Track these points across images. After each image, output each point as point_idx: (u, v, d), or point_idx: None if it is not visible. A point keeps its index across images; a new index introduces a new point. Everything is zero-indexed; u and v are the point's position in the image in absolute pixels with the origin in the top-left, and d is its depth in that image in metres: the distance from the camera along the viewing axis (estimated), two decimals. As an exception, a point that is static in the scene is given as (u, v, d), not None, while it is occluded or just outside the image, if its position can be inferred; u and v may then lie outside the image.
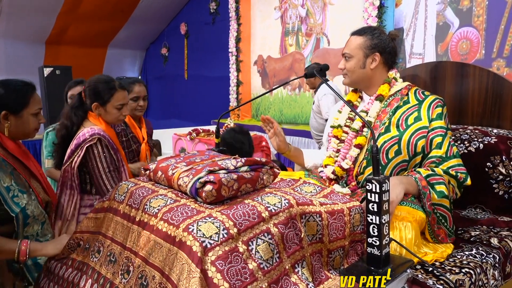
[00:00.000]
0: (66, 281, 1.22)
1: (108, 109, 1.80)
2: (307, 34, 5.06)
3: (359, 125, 1.57)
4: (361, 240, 1.16)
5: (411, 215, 1.25)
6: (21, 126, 1.45)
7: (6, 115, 1.41)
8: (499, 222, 1.54)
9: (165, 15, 7.26)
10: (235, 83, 5.99)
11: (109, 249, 1.15)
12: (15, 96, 1.42)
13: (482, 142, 1.66)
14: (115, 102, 1.80)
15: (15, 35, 5.92)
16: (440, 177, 1.35)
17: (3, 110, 1.40)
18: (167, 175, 1.16)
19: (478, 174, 1.60)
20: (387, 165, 1.46)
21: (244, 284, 0.88)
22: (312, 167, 1.76)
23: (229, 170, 1.07)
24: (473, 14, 3.55)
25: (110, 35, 7.11)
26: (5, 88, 1.42)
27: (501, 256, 1.32)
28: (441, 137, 1.43)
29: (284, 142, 1.68)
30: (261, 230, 0.96)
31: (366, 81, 1.59)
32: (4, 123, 1.41)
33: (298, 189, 1.23)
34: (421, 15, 3.94)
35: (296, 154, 1.77)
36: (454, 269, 1.19)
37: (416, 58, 4.00)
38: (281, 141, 1.67)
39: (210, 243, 0.89)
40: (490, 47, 3.46)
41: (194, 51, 7.07)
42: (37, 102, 1.49)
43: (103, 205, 1.27)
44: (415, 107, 1.49)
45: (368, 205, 1.04)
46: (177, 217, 0.98)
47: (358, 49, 1.55)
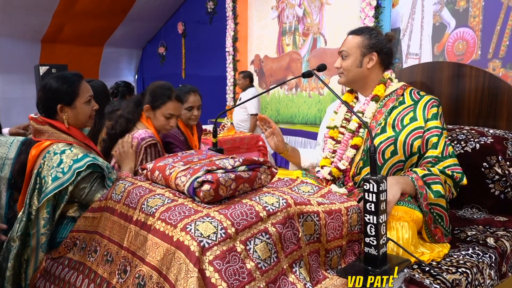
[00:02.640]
0: (63, 280, 1.22)
1: (157, 114, 1.84)
2: (304, 34, 5.06)
3: (355, 126, 1.57)
4: (358, 240, 1.16)
5: (408, 215, 1.26)
6: (77, 115, 1.51)
7: (62, 107, 1.47)
8: (495, 222, 1.55)
9: (162, 14, 7.24)
10: (232, 83, 5.99)
11: (106, 248, 1.15)
12: (66, 88, 1.48)
13: (479, 142, 1.67)
14: (165, 110, 1.83)
15: (11, 33, 5.88)
16: (436, 176, 1.36)
17: (58, 103, 1.46)
18: (164, 175, 1.16)
19: (474, 174, 1.61)
20: (383, 166, 1.47)
21: (242, 283, 0.88)
22: (308, 167, 1.76)
23: (227, 170, 1.07)
24: (469, 15, 3.57)
25: (107, 34, 7.08)
26: (56, 82, 1.48)
27: (497, 255, 1.32)
28: (436, 137, 1.43)
29: (282, 142, 1.68)
30: (259, 230, 0.96)
31: (361, 80, 1.59)
32: (62, 116, 1.48)
33: (295, 188, 1.23)
34: (418, 15, 3.95)
35: (294, 154, 1.77)
36: (450, 269, 1.20)
37: (413, 58, 4.01)
38: (279, 141, 1.67)
39: (208, 242, 0.89)
40: (486, 48, 3.48)
41: (191, 50, 7.05)
42: (86, 90, 1.53)
43: (100, 205, 1.26)
44: (411, 108, 1.50)
45: (365, 205, 1.05)
46: (175, 217, 0.98)
47: (356, 48, 1.55)
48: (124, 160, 1.68)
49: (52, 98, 1.46)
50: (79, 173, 1.38)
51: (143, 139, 1.70)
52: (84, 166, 1.39)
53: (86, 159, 1.40)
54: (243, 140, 4.03)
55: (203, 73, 6.82)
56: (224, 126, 4.49)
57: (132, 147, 1.67)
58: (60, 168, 1.38)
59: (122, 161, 1.68)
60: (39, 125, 1.46)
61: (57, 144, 1.44)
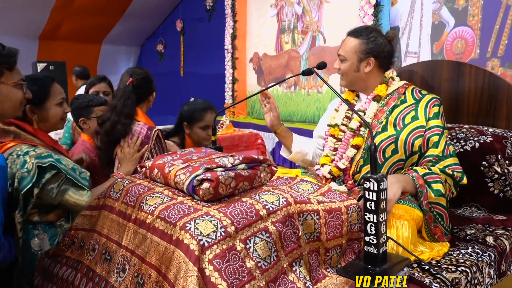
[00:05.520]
0: (61, 279, 1.21)
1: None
2: (303, 32, 5.05)
3: (356, 125, 1.56)
4: (358, 239, 1.16)
5: (408, 213, 1.25)
6: (47, 117, 1.50)
7: (32, 109, 1.46)
8: (494, 221, 1.55)
9: (160, 11, 7.20)
10: (231, 80, 5.97)
11: (105, 247, 1.14)
12: (36, 89, 1.45)
13: (478, 141, 1.67)
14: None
15: (8, 30, 5.84)
16: (437, 175, 1.36)
17: (27, 104, 1.43)
18: (163, 173, 1.15)
19: (473, 173, 1.61)
20: (384, 164, 1.46)
21: (242, 283, 0.87)
22: (297, 154, 1.78)
23: (226, 168, 1.06)
24: (468, 14, 3.56)
25: (105, 31, 7.04)
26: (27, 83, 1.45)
27: (497, 254, 1.32)
28: (437, 136, 1.43)
29: (277, 118, 1.73)
30: (259, 229, 0.95)
31: (361, 83, 1.59)
32: (32, 117, 1.46)
33: (295, 187, 1.23)
34: (417, 14, 3.95)
35: (287, 135, 1.80)
36: (450, 268, 1.19)
37: (412, 57, 4.01)
38: (274, 117, 1.71)
39: (208, 241, 0.88)
40: (484, 47, 3.48)
41: (190, 48, 7.02)
42: (58, 92, 1.52)
43: (99, 203, 1.25)
44: (412, 106, 1.49)
45: (365, 203, 1.04)
46: (174, 215, 0.97)
47: (353, 53, 1.54)
48: (125, 161, 1.64)
49: None
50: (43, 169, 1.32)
51: (150, 129, 1.67)
52: (47, 163, 1.33)
53: (49, 159, 1.34)
54: (242, 138, 4.03)
55: (202, 71, 6.79)
56: (222, 124, 4.48)
57: (138, 149, 1.63)
58: (25, 169, 1.31)
59: (123, 161, 1.64)
60: (5, 126, 1.42)
61: (21, 146, 1.37)
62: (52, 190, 1.36)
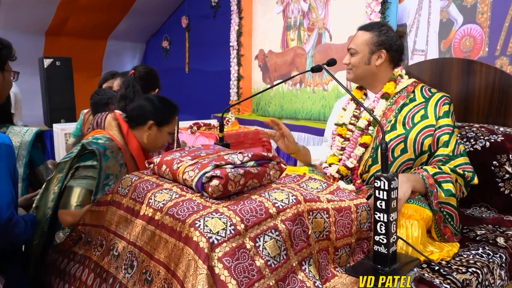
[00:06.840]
0: (68, 274, 1.21)
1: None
2: (309, 29, 5.02)
3: (364, 124, 1.54)
4: (367, 238, 1.14)
5: (418, 213, 1.24)
6: (158, 138, 1.59)
7: (152, 125, 1.55)
8: (504, 222, 1.53)
9: (166, 8, 7.19)
10: (236, 77, 5.95)
11: (112, 243, 1.13)
12: (166, 112, 1.58)
13: (489, 140, 1.65)
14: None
15: (15, 26, 5.85)
16: (447, 175, 1.34)
17: (152, 120, 1.55)
18: (172, 169, 1.14)
19: (483, 172, 1.59)
20: (393, 164, 1.44)
21: (251, 281, 0.86)
22: (318, 165, 1.74)
23: (235, 165, 1.05)
24: (477, 11, 3.52)
25: (111, 27, 7.04)
26: (161, 103, 1.58)
27: (508, 256, 1.30)
28: (448, 135, 1.41)
29: (293, 143, 1.65)
30: (268, 227, 0.94)
31: (370, 77, 1.56)
32: (147, 131, 1.56)
33: (304, 185, 1.22)
34: (425, 11, 3.91)
35: (304, 153, 1.74)
36: (460, 269, 1.18)
37: (419, 54, 3.97)
38: (290, 142, 1.64)
39: (217, 239, 0.88)
40: (493, 45, 3.43)
41: (195, 44, 7.01)
42: (175, 123, 1.63)
43: (106, 198, 1.25)
44: (422, 105, 1.47)
45: (376, 202, 1.03)
46: (183, 212, 0.96)
47: (364, 45, 1.53)
48: None
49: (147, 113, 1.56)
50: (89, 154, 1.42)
51: None
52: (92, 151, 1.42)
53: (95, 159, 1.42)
54: (247, 135, 4.01)
55: (207, 68, 6.78)
56: (228, 121, 4.47)
57: None
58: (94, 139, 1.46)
59: None
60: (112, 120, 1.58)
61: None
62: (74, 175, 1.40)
